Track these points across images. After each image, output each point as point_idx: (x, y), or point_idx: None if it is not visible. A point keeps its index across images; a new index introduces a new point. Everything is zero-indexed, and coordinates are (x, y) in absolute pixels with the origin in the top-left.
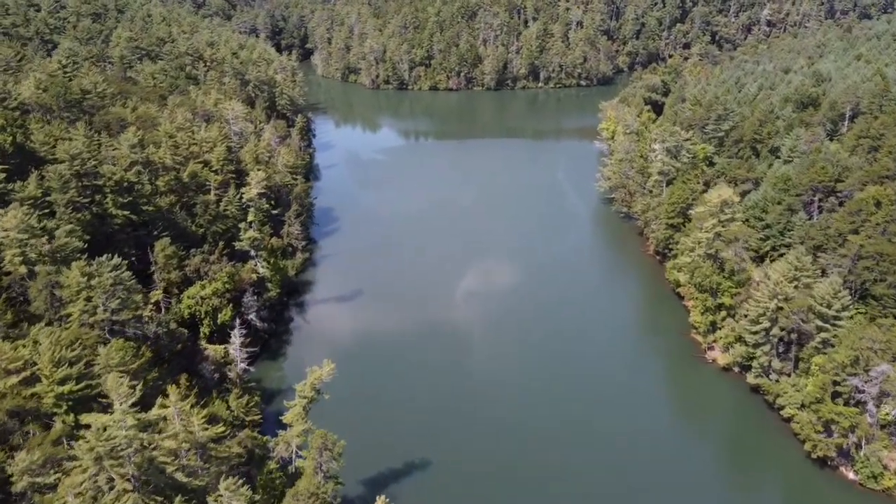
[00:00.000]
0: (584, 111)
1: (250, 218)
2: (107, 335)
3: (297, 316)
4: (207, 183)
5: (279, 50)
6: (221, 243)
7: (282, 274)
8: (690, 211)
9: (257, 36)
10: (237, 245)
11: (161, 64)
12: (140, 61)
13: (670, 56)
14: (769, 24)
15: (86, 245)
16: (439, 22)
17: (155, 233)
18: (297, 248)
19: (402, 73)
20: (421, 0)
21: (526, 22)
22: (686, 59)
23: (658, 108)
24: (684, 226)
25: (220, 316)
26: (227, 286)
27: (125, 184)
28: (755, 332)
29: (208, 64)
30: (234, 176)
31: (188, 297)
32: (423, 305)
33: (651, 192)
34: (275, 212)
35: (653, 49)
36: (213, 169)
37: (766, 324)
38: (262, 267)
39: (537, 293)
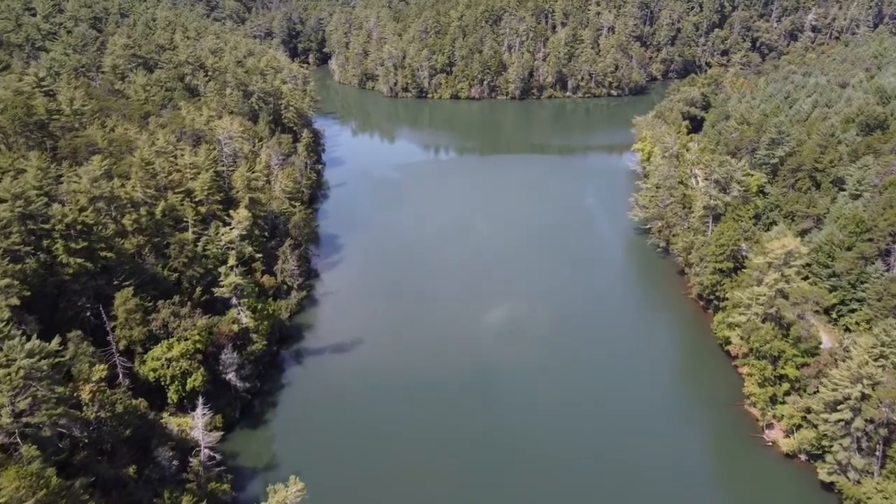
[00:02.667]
0: (615, 124)
1: (231, 262)
2: (16, 439)
3: (289, 369)
4: (185, 219)
5: (296, 54)
6: (199, 289)
7: (272, 321)
8: (742, 250)
9: (273, 39)
10: (217, 292)
11: (157, 74)
12: (134, 71)
13: (707, 64)
14: (814, 29)
15: (22, 302)
16: (462, 27)
17: (116, 282)
18: (292, 286)
19: (421, 81)
20: (443, 3)
21: (554, 27)
22: (723, 66)
23: (697, 124)
24: (735, 273)
25: (189, 381)
26: (198, 345)
27: (79, 226)
28: (832, 423)
29: (210, 74)
30: (220, 207)
31: (152, 359)
32: (436, 353)
33: (694, 229)
34: (258, 254)
35: (689, 56)
36: (197, 200)
37: (847, 414)
38: (247, 317)
39: (564, 341)
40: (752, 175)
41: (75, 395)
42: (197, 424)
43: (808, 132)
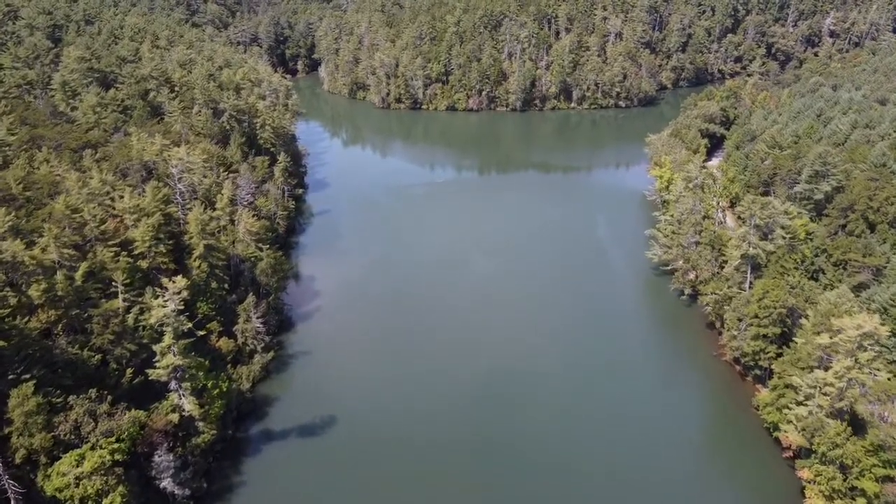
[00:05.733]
0: (624, 138)
1: (167, 341)
2: None
3: (247, 459)
4: (114, 283)
5: (284, 61)
6: (130, 371)
7: (226, 400)
8: (791, 302)
9: (260, 46)
10: (151, 374)
11: (113, 92)
12: (87, 88)
13: (720, 71)
14: (832, 34)
15: None
16: (459, 33)
17: (11, 375)
18: (255, 348)
19: (415, 91)
20: (439, 8)
21: (557, 33)
22: (736, 74)
23: (715, 141)
24: (785, 342)
25: (105, 502)
26: (117, 456)
27: None
28: None
29: (177, 90)
30: (167, 261)
31: (58, 475)
32: (429, 425)
33: (727, 277)
34: (214, 312)
35: (700, 63)
36: (137, 253)
37: None
38: (190, 403)
39: (574, 407)
40: (799, 220)
41: None
42: None
43: (850, 158)
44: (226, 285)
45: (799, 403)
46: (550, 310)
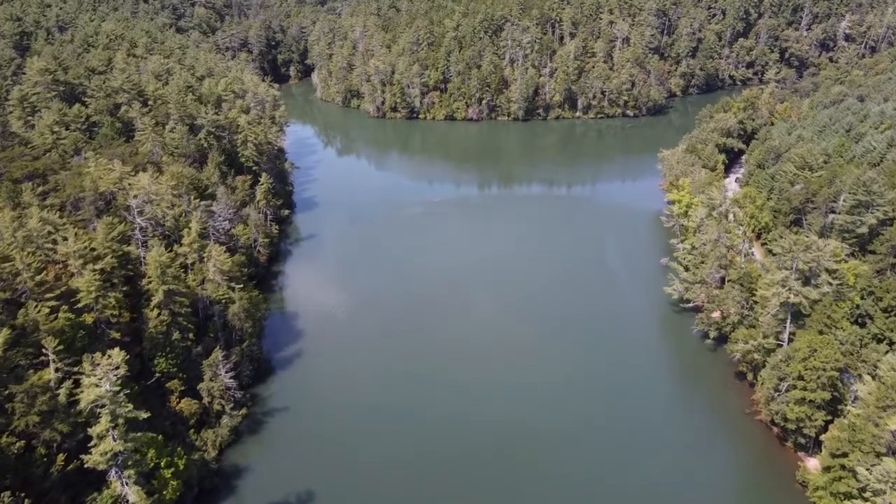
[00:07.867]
0: (633, 150)
1: (103, 425)
2: None
3: None
4: (44, 351)
5: (276, 67)
6: (61, 457)
7: (183, 479)
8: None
9: (250, 52)
10: (87, 461)
11: (76, 108)
12: (48, 104)
13: (731, 77)
14: (847, 38)
15: None
16: (458, 38)
17: None
18: (223, 409)
19: (412, 100)
20: (437, 12)
21: (561, 38)
22: (746, 80)
23: (732, 156)
24: (840, 412)
25: None
26: None
27: None
28: None
29: (151, 104)
30: (117, 312)
31: None
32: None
33: (760, 324)
34: (175, 368)
35: (711, 70)
36: (82, 306)
37: None
38: (135, 493)
39: (586, 481)
40: (848, 263)
41: None
42: None
43: (891, 182)
44: (191, 335)
45: (864, 498)
46: (558, 354)
